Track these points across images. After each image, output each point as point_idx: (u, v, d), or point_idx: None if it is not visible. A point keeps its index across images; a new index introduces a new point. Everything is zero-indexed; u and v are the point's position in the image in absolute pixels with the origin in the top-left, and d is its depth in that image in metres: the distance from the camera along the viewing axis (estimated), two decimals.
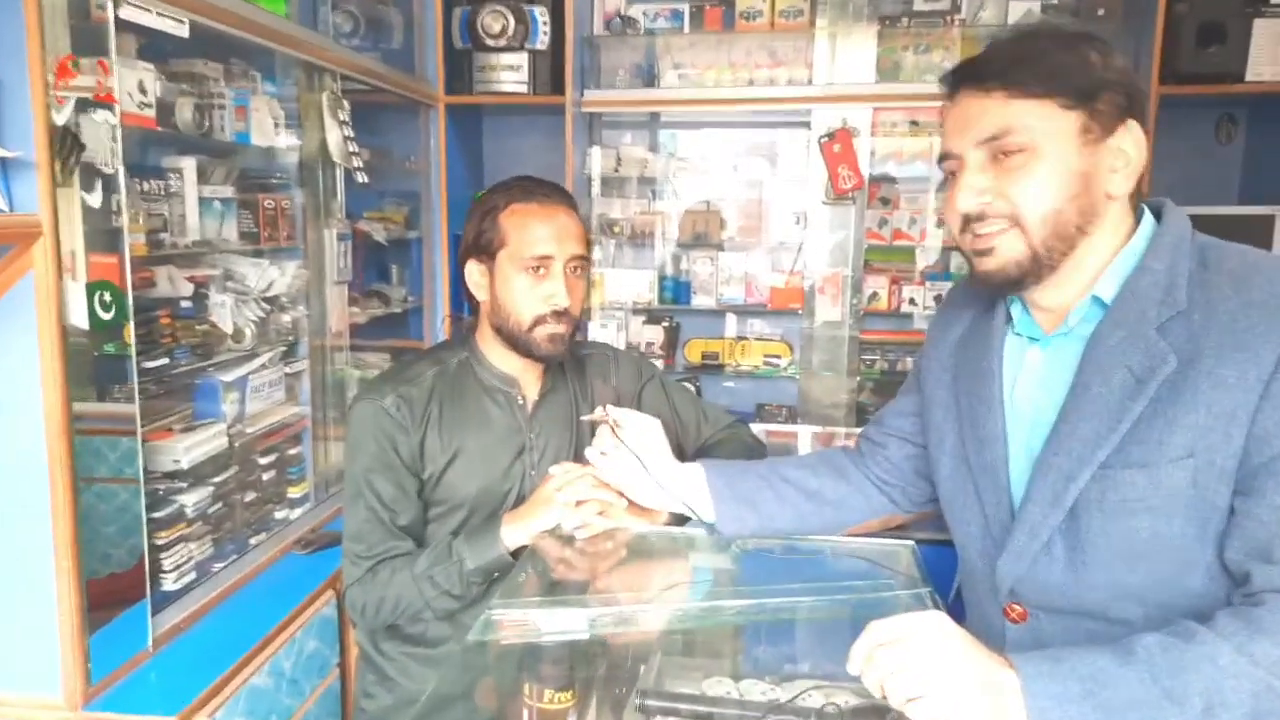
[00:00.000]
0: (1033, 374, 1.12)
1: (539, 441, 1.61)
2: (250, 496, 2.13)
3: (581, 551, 1.40)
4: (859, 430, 3.29)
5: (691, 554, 1.43)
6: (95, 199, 1.50)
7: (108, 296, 1.53)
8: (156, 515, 1.78)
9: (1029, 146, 1.00)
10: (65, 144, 1.41)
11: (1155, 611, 0.99)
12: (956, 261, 3.32)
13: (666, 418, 1.66)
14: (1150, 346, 0.98)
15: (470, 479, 1.56)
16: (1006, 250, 1.03)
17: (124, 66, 1.66)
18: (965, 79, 1.06)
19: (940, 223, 3.28)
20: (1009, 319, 1.16)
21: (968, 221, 1.05)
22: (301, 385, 2.36)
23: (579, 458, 1.52)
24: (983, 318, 1.21)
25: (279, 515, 2.26)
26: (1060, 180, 1.01)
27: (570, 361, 1.66)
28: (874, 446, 1.41)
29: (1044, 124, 1.00)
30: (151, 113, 1.76)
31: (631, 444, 1.43)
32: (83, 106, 1.46)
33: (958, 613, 1.24)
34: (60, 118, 1.41)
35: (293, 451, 2.33)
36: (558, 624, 1.14)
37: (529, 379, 1.62)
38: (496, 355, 1.60)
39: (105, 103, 1.51)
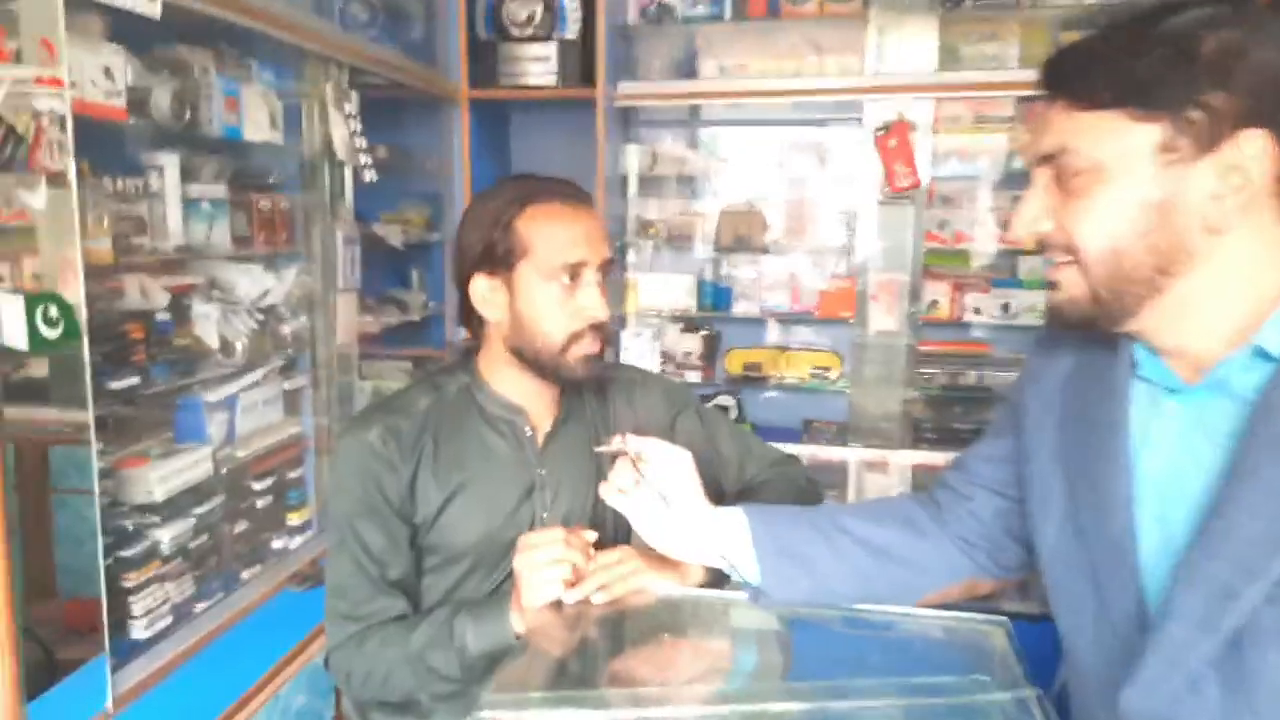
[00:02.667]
0: (1170, 431, 0.86)
1: (551, 479, 1.37)
2: (241, 526, 1.93)
3: (595, 621, 1.16)
4: (916, 454, 3.13)
5: (730, 626, 1.18)
6: (36, 199, 1.30)
7: (54, 311, 1.33)
8: (125, 554, 1.59)
9: (1088, 169, 0.81)
10: None
11: None
12: (1027, 266, 3.02)
13: (703, 452, 1.42)
14: None
15: (470, 524, 1.32)
16: (1069, 287, 0.87)
17: (84, 49, 1.47)
18: (1041, 81, 0.88)
19: (1006, 224, 2.99)
20: (1133, 362, 0.90)
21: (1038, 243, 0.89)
22: (303, 402, 2.16)
23: (601, 498, 1.28)
24: (1098, 353, 0.95)
25: (276, 545, 2.06)
26: (1122, 212, 0.80)
27: (590, 385, 1.42)
28: (956, 498, 1.15)
29: (1109, 142, 0.80)
30: (120, 102, 1.57)
31: (656, 481, 1.19)
32: (22, 92, 1.26)
33: (1063, 710, 0.98)
34: None
35: (293, 475, 2.13)
36: None
37: (540, 407, 1.38)
38: (503, 381, 1.36)
39: (51, 87, 1.31)
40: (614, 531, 1.37)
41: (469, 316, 1.36)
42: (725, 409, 3.21)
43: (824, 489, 1.55)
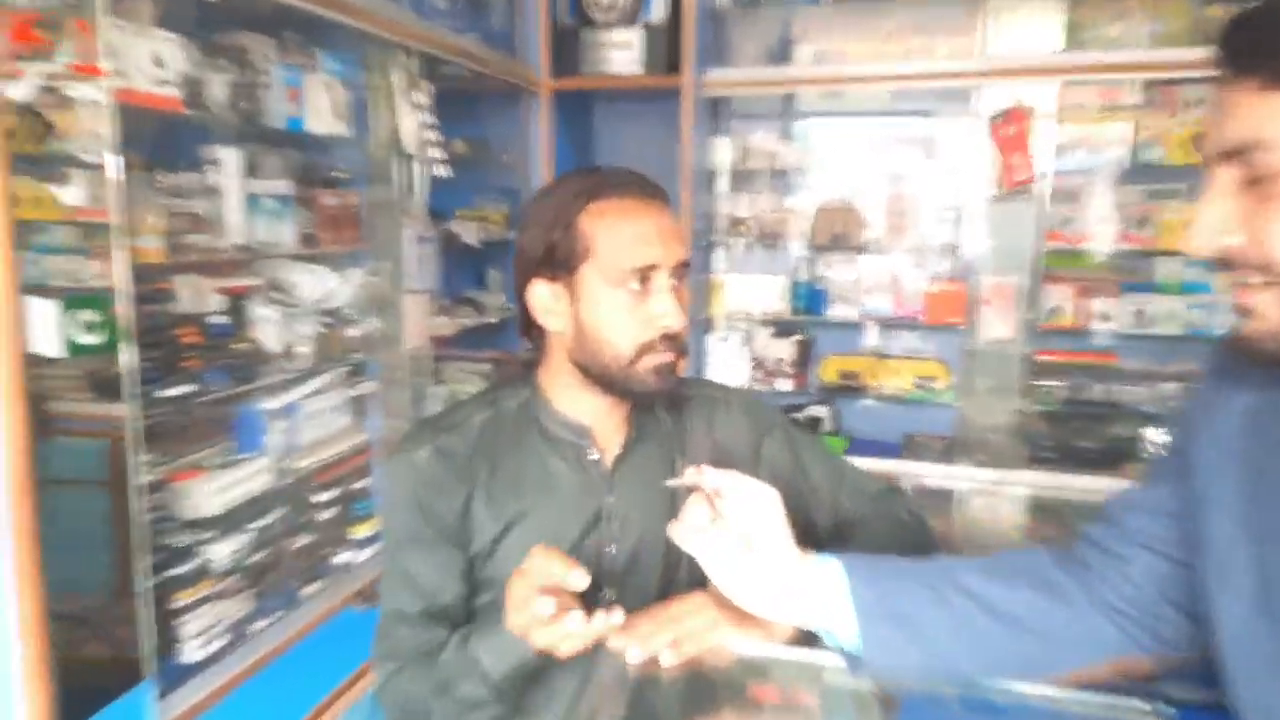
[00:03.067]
0: None
1: (620, 507, 1.21)
2: (303, 541, 1.83)
3: (663, 685, 0.99)
4: (1032, 474, 2.85)
5: (825, 695, 1.00)
6: (73, 194, 1.21)
7: (93, 315, 1.24)
8: (175, 572, 1.50)
9: None
10: (25, 126, 1.12)
11: None
12: (1164, 269, 2.71)
13: (792, 481, 1.24)
14: None
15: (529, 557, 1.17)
16: (1267, 313, 0.70)
17: (134, 35, 1.38)
18: (1219, 54, 0.70)
19: (1141, 222, 2.69)
20: None
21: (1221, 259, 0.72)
22: (371, 409, 2.06)
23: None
24: None
25: (339, 560, 1.96)
26: None
27: (665, 401, 1.25)
28: (1106, 558, 0.94)
29: None
30: (172, 92, 1.48)
31: (736, 522, 1.01)
32: (58, 80, 1.17)
33: None
34: (18, 92, 1.11)
35: (359, 485, 2.03)
36: None
37: (608, 426, 1.22)
38: (566, 398, 1.21)
39: (89, 75, 1.22)
40: (689, 574, 1.19)
41: (529, 326, 1.21)
42: (818, 420, 3.00)
43: (926, 516, 1.35)
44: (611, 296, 1.10)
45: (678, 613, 1.06)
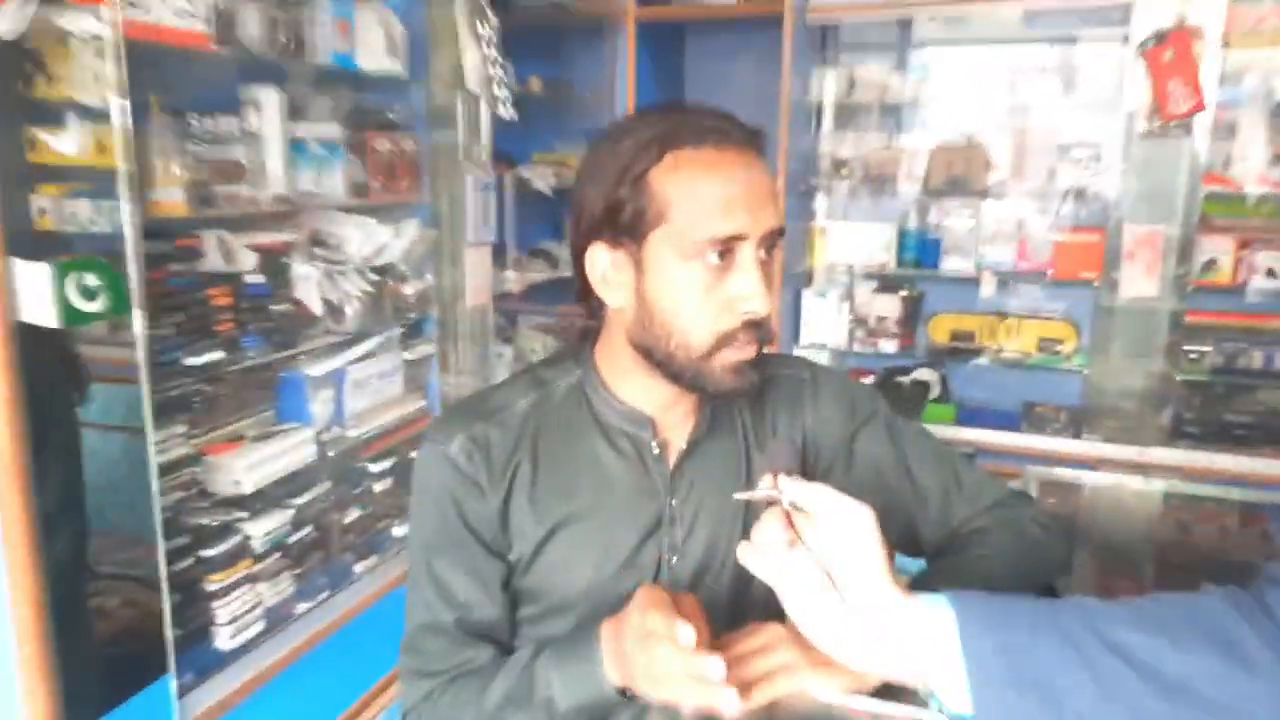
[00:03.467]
0: None
1: (685, 511, 1.02)
2: (354, 515, 1.71)
3: None
4: (1175, 453, 2.50)
5: None
6: (67, 140, 1.06)
7: (93, 279, 1.10)
8: (207, 554, 1.39)
9: None
10: (10, 65, 0.97)
11: None
12: None
13: (894, 484, 1.05)
14: None
15: (577, 568, 1.00)
16: None
17: None
18: None
19: None
20: None
21: None
22: (429, 373, 1.91)
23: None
24: None
25: (397, 533, 1.84)
26: None
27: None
28: None
29: None
30: (199, 25, 1.32)
31: (820, 547, 0.80)
32: (51, 9, 1.02)
33: None
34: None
35: (415, 454, 1.89)
36: None
37: (674, 417, 1.02)
38: (627, 383, 1.01)
39: (88, 4, 1.06)
40: (766, 596, 0.99)
41: (588, 292, 1.01)
42: (925, 385, 2.71)
43: (1058, 529, 1.10)
44: (685, 272, 0.89)
45: (748, 649, 0.88)
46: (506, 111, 1.85)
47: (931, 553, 1.08)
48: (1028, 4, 2.43)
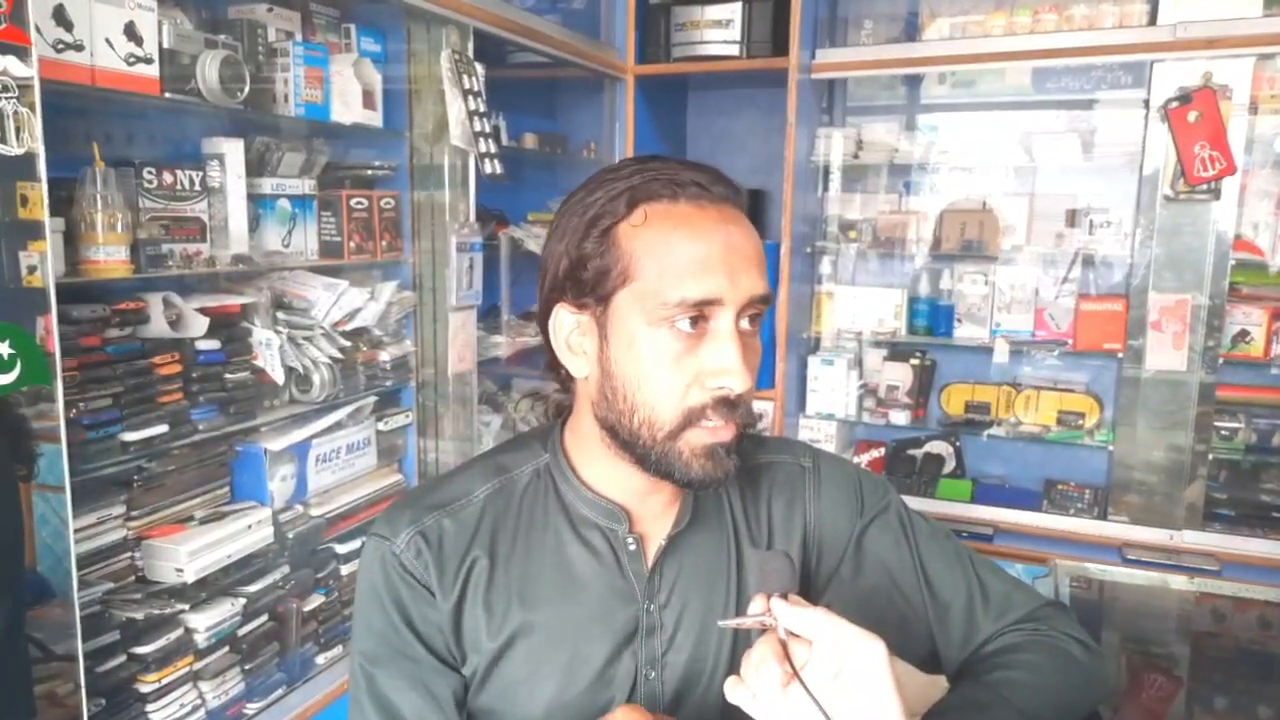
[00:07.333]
0: None
1: (667, 617, 0.88)
2: (316, 602, 1.56)
3: None
4: (1207, 536, 2.32)
5: None
6: None
7: (4, 347, 0.97)
8: (140, 651, 1.24)
9: None
10: None
11: None
12: None
13: (908, 590, 0.92)
14: None
15: (540, 685, 0.86)
16: None
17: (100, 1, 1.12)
18: None
19: None
20: None
21: None
22: (405, 444, 1.78)
23: (738, 657, 0.78)
24: None
25: None
26: None
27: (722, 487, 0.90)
28: None
29: None
30: (150, 70, 1.22)
31: (820, 683, 0.67)
32: None
33: None
34: None
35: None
36: None
37: (652, 507, 0.89)
38: (597, 468, 0.88)
39: (11, 43, 0.96)
40: None
41: (556, 363, 0.88)
42: (939, 459, 2.56)
43: (1096, 646, 0.95)
44: (652, 338, 0.77)
45: None
46: (493, 168, 1.74)
47: (953, 673, 0.94)
48: (1038, 62, 2.34)
